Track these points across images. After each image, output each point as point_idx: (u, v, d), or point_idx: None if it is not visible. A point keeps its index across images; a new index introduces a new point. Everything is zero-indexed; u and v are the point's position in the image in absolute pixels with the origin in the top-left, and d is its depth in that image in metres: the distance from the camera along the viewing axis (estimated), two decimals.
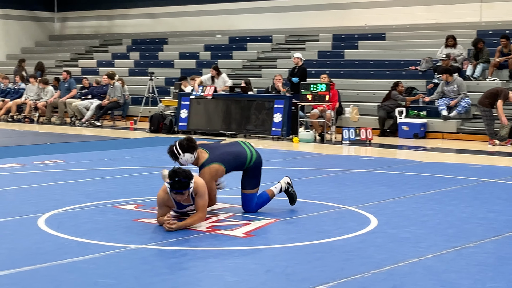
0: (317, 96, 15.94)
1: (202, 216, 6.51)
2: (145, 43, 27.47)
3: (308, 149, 14.43)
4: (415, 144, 15.41)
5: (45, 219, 6.92)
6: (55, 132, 17.88)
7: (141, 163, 11.64)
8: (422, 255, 5.70)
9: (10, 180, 9.71)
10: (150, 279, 4.99)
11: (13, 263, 5.33)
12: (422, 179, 10.11)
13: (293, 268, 5.30)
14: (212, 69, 18.54)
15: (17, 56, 29.42)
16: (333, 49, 22.07)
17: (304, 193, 8.70)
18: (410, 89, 18.14)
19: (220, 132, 17.06)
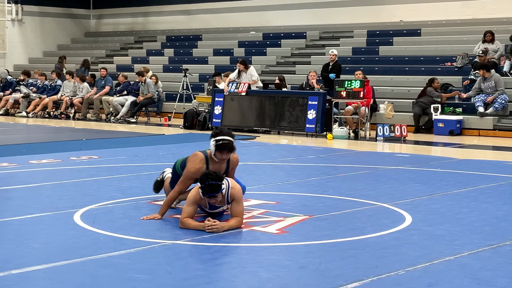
0: (352, 92, 15.88)
1: (240, 222, 6.48)
2: (180, 39, 27.58)
3: (342, 146, 14.37)
4: (451, 141, 15.27)
5: (81, 214, 6.98)
6: (90, 128, 18.04)
7: (175, 159, 11.58)
8: (458, 253, 5.65)
9: (47, 175, 9.82)
10: (184, 274, 5.01)
11: (49, 258, 5.39)
12: (458, 176, 10.01)
13: (326, 265, 5.28)
14: (239, 63, 18.38)
15: (54, 53, 29.76)
16: (367, 46, 21.96)
17: (338, 190, 8.67)
18: (446, 86, 17.98)
19: (254, 128, 17.07)
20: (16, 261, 5.27)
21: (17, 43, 29.64)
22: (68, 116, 21.54)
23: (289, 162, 11.56)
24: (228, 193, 6.45)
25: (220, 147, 6.72)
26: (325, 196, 8.23)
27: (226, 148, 6.73)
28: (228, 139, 6.74)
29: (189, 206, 6.48)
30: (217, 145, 6.72)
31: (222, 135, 6.76)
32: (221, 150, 6.73)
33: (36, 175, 9.82)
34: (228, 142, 6.73)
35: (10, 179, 9.43)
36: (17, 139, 15.23)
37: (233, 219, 6.43)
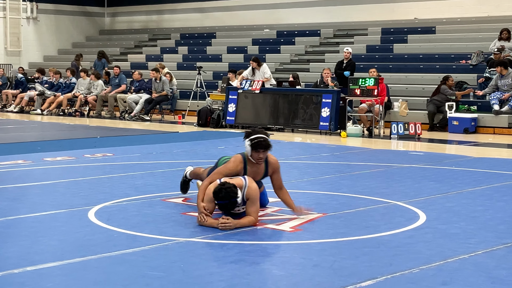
0: (366, 90, 15.84)
1: (253, 221, 6.47)
2: (194, 37, 27.62)
3: (356, 144, 14.34)
4: (465, 139, 15.20)
5: (95, 212, 7.01)
6: (104, 126, 18.10)
7: (189, 156, 11.71)
8: (472, 251, 5.63)
9: (61, 173, 9.87)
10: (198, 272, 5.02)
11: (64, 255, 5.41)
12: (473, 174, 9.97)
13: (340, 263, 5.28)
14: (252, 61, 18.37)
15: (68, 51, 29.88)
16: (382, 43, 21.90)
17: (352, 188, 8.66)
18: (461, 84, 17.90)
19: (268, 126, 17.06)
20: (31, 258, 5.30)
21: (32, 41, 29.79)
22: (82, 113, 21.62)
23: (303, 160, 11.55)
24: (244, 192, 6.44)
25: (255, 146, 6.58)
26: (339, 194, 8.22)
27: (261, 146, 6.60)
28: (262, 137, 6.63)
29: (209, 203, 6.49)
30: (252, 144, 6.58)
31: (256, 133, 6.66)
32: (257, 149, 6.59)
33: (50, 173, 9.87)
34: (263, 139, 6.61)
35: (25, 176, 9.48)
36: (32, 137, 15.31)
37: (246, 217, 6.42)
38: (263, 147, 6.62)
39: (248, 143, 6.61)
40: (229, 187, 6.33)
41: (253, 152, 6.62)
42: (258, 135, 6.63)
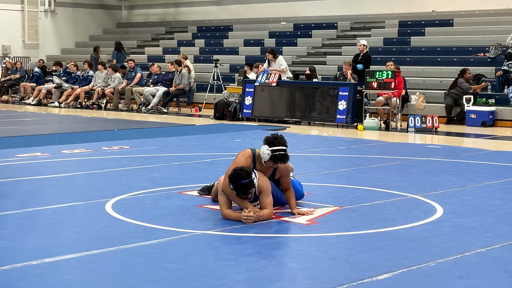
0: (383, 83, 15.79)
1: (270, 213, 6.46)
2: (210, 30, 27.62)
3: (373, 137, 14.31)
4: (483, 133, 15.12)
5: (112, 204, 7.04)
6: (122, 119, 18.16)
7: (205, 149, 11.73)
8: (489, 245, 5.61)
9: (79, 165, 9.92)
10: (214, 264, 5.03)
11: (82, 247, 5.45)
12: (490, 168, 9.92)
13: (357, 256, 5.27)
14: (267, 53, 18.39)
15: (86, 44, 29.99)
16: (399, 36, 21.80)
17: (368, 181, 8.64)
18: (478, 76, 17.80)
19: (284, 119, 17.06)
20: (49, 250, 5.34)
21: (50, 34, 29.91)
22: (99, 106, 21.70)
23: (319, 153, 11.54)
24: (256, 186, 6.43)
25: (275, 158, 6.48)
26: (355, 187, 8.21)
27: (281, 160, 6.52)
28: (284, 150, 6.50)
29: (222, 196, 6.49)
30: (273, 155, 6.47)
31: (279, 144, 6.49)
32: (275, 161, 6.52)
33: (68, 165, 9.92)
34: (284, 154, 6.49)
35: (42, 168, 9.54)
36: (49, 129, 15.39)
37: (264, 210, 6.42)
38: (282, 161, 6.55)
39: (268, 152, 6.47)
40: (242, 168, 6.32)
41: (270, 162, 6.53)
42: (280, 148, 6.48)
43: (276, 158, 6.49)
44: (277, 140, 6.52)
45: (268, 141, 6.53)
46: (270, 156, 6.47)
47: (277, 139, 6.53)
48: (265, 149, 6.51)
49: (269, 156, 6.47)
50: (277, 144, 6.50)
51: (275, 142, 6.51)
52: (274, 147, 6.48)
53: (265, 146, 6.52)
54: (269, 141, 6.52)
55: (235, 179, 6.25)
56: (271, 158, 6.49)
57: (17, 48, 28.80)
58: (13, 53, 28.50)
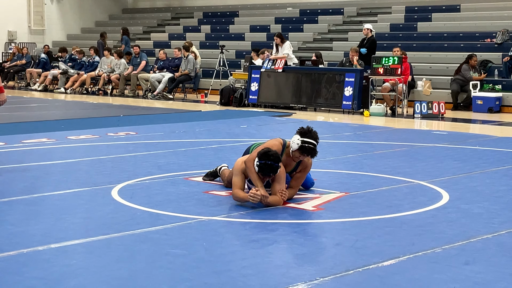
0: (389, 69, 15.74)
1: (279, 200, 6.47)
2: (216, 16, 27.55)
3: (379, 123, 14.29)
4: (490, 119, 15.09)
5: (118, 190, 7.05)
6: (127, 105, 18.16)
7: (211, 135, 11.73)
8: (496, 231, 5.60)
9: (85, 151, 9.93)
10: (220, 250, 5.04)
11: (88, 232, 5.46)
12: (496, 154, 9.90)
13: (363, 242, 5.27)
14: (275, 36, 18.37)
15: (92, 30, 29.97)
16: (405, 22, 21.72)
17: (374, 167, 8.64)
18: (485, 62, 17.73)
19: (290, 105, 17.04)
20: (55, 235, 5.36)
21: (56, 20, 29.89)
22: (105, 92, 21.70)
23: (325, 139, 11.52)
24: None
25: (303, 150, 6.47)
26: (361, 173, 8.20)
27: (310, 153, 6.51)
28: (314, 144, 6.49)
29: (237, 176, 6.48)
30: (302, 146, 6.46)
31: (311, 138, 6.49)
32: (303, 153, 6.51)
33: (74, 151, 9.94)
34: (313, 148, 6.48)
35: (49, 154, 9.55)
36: (55, 115, 15.41)
37: (272, 196, 6.41)
38: (309, 154, 6.53)
39: (298, 141, 6.46)
40: (276, 152, 6.32)
41: (297, 152, 6.52)
42: (311, 140, 6.48)
43: (304, 149, 6.48)
44: (310, 133, 6.52)
45: (300, 132, 6.54)
46: (299, 146, 6.46)
47: (310, 133, 6.53)
48: (296, 138, 6.51)
49: (298, 146, 6.46)
50: (309, 137, 6.50)
51: (308, 134, 6.51)
52: (305, 139, 6.48)
53: (296, 136, 6.52)
54: (301, 132, 6.53)
55: (266, 157, 6.25)
56: (300, 149, 6.48)
57: (23, 34, 28.79)
58: (19, 39, 28.50)
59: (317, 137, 6.57)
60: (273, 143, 6.64)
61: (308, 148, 6.48)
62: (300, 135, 6.50)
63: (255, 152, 6.44)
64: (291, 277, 4.45)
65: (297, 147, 6.48)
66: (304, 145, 6.47)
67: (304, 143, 6.47)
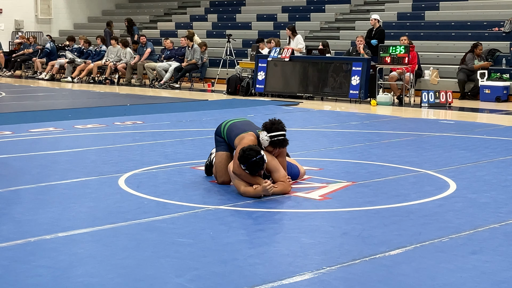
0: (396, 58, 15.70)
1: (286, 186, 6.46)
2: (223, 5, 27.49)
3: (386, 112, 14.26)
4: (497, 108, 15.04)
5: (125, 179, 7.06)
6: (134, 94, 18.17)
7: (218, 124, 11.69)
8: (503, 221, 5.59)
9: (92, 140, 9.94)
10: (227, 239, 5.05)
11: (95, 221, 5.48)
12: (504, 143, 9.88)
13: (369, 231, 5.27)
14: (287, 29, 18.39)
15: (98, 19, 29.95)
16: (413, 10, 21.62)
17: (381, 156, 8.63)
18: (493, 51, 17.65)
19: (297, 94, 17.01)
20: (63, 224, 5.37)
21: (62, 9, 29.88)
22: (112, 81, 21.70)
23: (332, 128, 11.52)
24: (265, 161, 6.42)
25: (274, 144, 6.50)
26: (368, 163, 8.19)
27: (281, 145, 6.54)
28: (282, 135, 6.49)
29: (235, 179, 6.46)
30: (272, 141, 6.48)
31: (276, 130, 6.49)
32: (275, 147, 6.52)
33: (81, 140, 9.96)
34: (283, 139, 6.50)
35: (56, 143, 9.58)
36: (62, 104, 15.43)
37: (277, 183, 6.41)
38: (282, 146, 6.55)
39: (266, 139, 6.48)
40: (249, 147, 6.31)
41: (270, 147, 6.53)
42: (278, 133, 6.48)
43: (275, 143, 6.50)
44: (275, 126, 6.52)
45: (266, 127, 6.54)
46: (269, 142, 6.48)
47: (275, 125, 6.53)
48: (263, 135, 6.52)
49: (268, 142, 6.48)
50: (275, 129, 6.50)
51: (273, 127, 6.51)
52: (273, 133, 6.49)
53: (263, 132, 6.54)
54: (267, 127, 6.54)
55: (246, 159, 6.25)
56: (271, 144, 6.50)
57: (29, 23, 28.81)
58: (26, 28, 28.52)
59: (283, 127, 6.56)
60: (249, 139, 6.58)
61: (278, 142, 6.50)
62: (267, 131, 6.51)
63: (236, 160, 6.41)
64: (298, 266, 4.46)
65: (268, 143, 6.50)
66: (274, 140, 6.48)
67: (273, 137, 6.47)
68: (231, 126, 6.89)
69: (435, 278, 4.26)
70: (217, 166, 6.89)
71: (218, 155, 6.90)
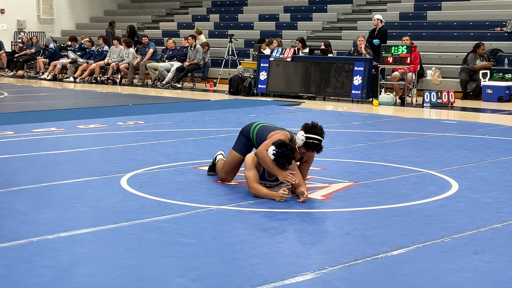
0: (398, 58, 15.69)
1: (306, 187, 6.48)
2: (225, 5, 27.49)
3: (388, 112, 14.25)
4: (500, 108, 15.03)
5: (127, 179, 7.07)
6: (136, 94, 18.17)
7: (220, 124, 11.73)
8: (505, 221, 5.59)
9: (94, 140, 9.95)
10: (229, 239, 5.05)
11: (97, 221, 5.48)
12: (506, 143, 9.87)
13: (371, 231, 5.27)
14: (297, 41, 18.44)
15: (101, 19, 29.95)
16: (415, 10, 21.61)
17: (383, 156, 8.62)
18: (495, 51, 17.64)
19: (299, 94, 17.01)
20: (65, 224, 5.38)
21: (65, 9, 29.89)
22: (114, 81, 21.71)
23: (334, 128, 11.51)
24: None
25: (308, 146, 6.45)
26: (370, 163, 8.19)
27: (315, 149, 6.49)
28: (319, 140, 6.45)
29: (251, 171, 6.44)
30: (306, 142, 6.43)
31: (315, 133, 6.44)
32: (308, 149, 6.49)
33: (83, 140, 9.96)
34: (318, 144, 6.45)
35: (58, 143, 9.58)
36: (65, 104, 15.44)
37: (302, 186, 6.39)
38: (315, 149, 6.51)
39: (303, 138, 6.43)
40: (288, 143, 6.34)
41: (303, 148, 6.49)
42: (316, 136, 6.44)
43: (309, 145, 6.45)
44: (314, 129, 6.48)
45: (305, 128, 6.50)
46: (304, 142, 6.44)
47: (315, 128, 6.49)
48: (300, 134, 6.48)
49: (303, 142, 6.44)
50: (313, 132, 6.46)
51: (312, 130, 6.47)
52: (310, 135, 6.45)
53: (301, 132, 6.50)
54: (306, 128, 6.49)
55: (284, 146, 6.26)
56: (304, 145, 6.45)
57: (32, 23, 28.83)
58: (28, 28, 28.53)
59: (322, 132, 6.51)
60: (281, 136, 6.60)
61: (312, 144, 6.45)
62: (305, 131, 6.48)
63: (269, 141, 6.42)
64: (300, 266, 4.46)
65: (302, 143, 6.46)
66: (309, 141, 6.44)
67: (309, 139, 6.44)
68: (264, 127, 6.90)
69: (437, 278, 4.26)
70: (225, 162, 6.91)
71: (232, 154, 6.90)
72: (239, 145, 6.97)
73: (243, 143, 6.94)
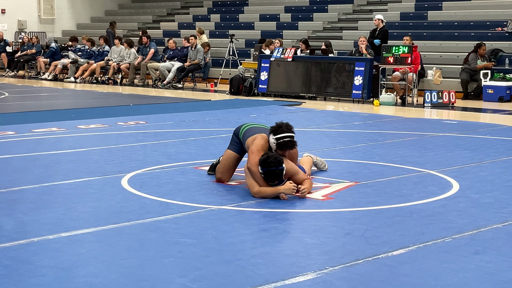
0: (399, 58, 15.69)
1: (311, 183, 6.50)
2: (226, 5, 27.50)
3: (389, 112, 14.25)
4: (500, 108, 15.02)
5: (128, 179, 7.07)
6: (137, 94, 18.17)
7: (221, 124, 11.73)
8: (506, 221, 5.59)
9: (95, 140, 9.95)
10: (230, 239, 5.05)
11: (98, 221, 5.48)
12: (507, 143, 9.87)
13: (372, 231, 5.27)
14: (301, 42, 18.45)
15: (101, 19, 29.96)
16: (416, 10, 21.61)
17: (384, 156, 8.62)
18: (496, 51, 17.63)
19: (300, 94, 17.01)
20: (66, 224, 5.38)
21: (65, 9, 29.90)
22: (115, 81, 21.71)
23: (335, 128, 11.51)
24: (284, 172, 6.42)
25: (281, 146, 6.46)
26: (371, 163, 8.19)
27: (287, 147, 6.50)
28: (289, 136, 6.47)
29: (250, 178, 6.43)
30: (278, 144, 6.45)
31: (283, 132, 6.47)
32: (283, 149, 6.49)
33: (84, 140, 9.96)
34: (289, 141, 6.46)
35: (59, 143, 9.58)
36: (65, 104, 15.44)
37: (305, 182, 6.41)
38: (289, 148, 6.53)
39: (273, 141, 6.46)
40: (275, 155, 6.32)
41: (278, 150, 6.50)
42: (285, 135, 6.46)
43: (281, 146, 6.47)
44: (281, 128, 6.50)
45: (273, 131, 6.52)
46: (276, 144, 6.46)
47: (281, 127, 6.51)
48: (271, 138, 6.51)
49: (275, 145, 6.47)
50: (281, 132, 6.48)
51: (279, 130, 6.49)
52: (279, 135, 6.46)
53: (271, 136, 6.52)
54: (273, 131, 6.52)
55: (267, 164, 6.25)
56: (278, 146, 6.48)
57: (33, 23, 28.84)
58: (29, 28, 28.55)
59: (289, 128, 6.53)
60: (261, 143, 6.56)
61: (284, 143, 6.46)
62: (273, 134, 6.49)
63: (251, 154, 6.43)
64: (301, 266, 4.46)
65: (276, 147, 6.48)
66: (280, 142, 6.45)
67: (279, 139, 6.45)
68: (249, 128, 6.93)
69: (438, 278, 4.26)
70: (221, 162, 6.96)
71: (227, 153, 6.94)
72: (232, 144, 7.02)
73: (236, 142, 6.99)
